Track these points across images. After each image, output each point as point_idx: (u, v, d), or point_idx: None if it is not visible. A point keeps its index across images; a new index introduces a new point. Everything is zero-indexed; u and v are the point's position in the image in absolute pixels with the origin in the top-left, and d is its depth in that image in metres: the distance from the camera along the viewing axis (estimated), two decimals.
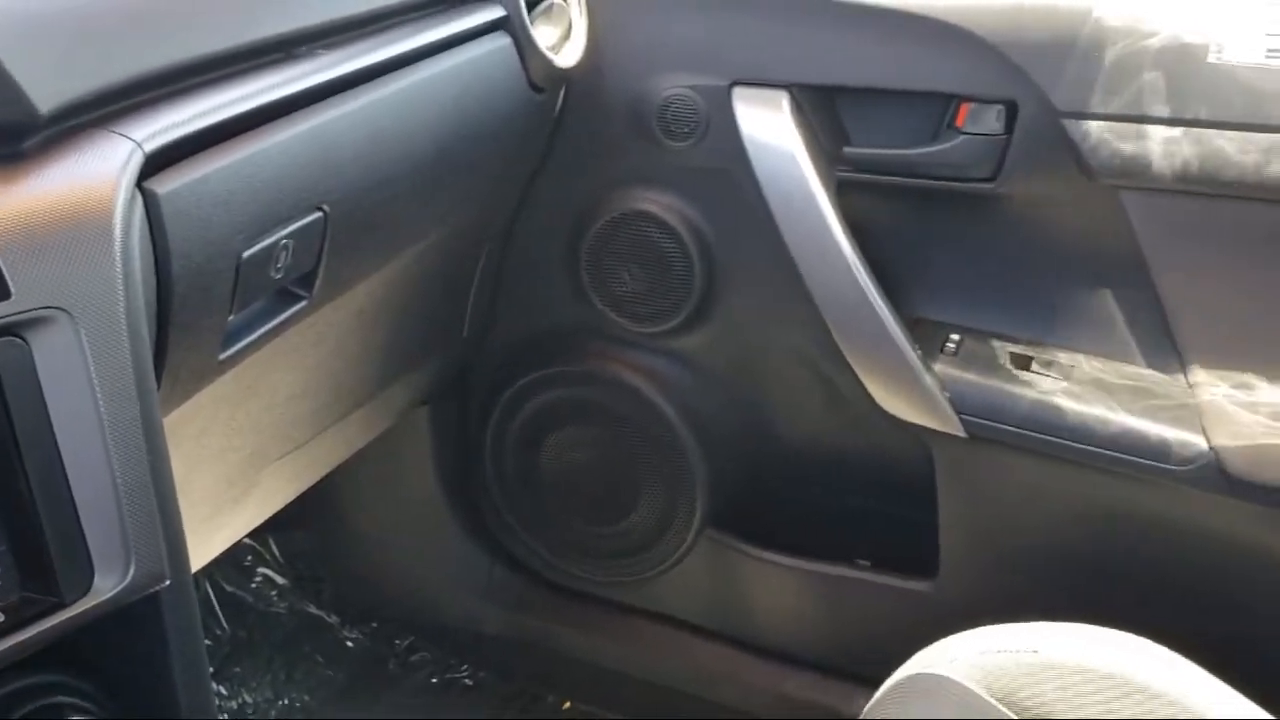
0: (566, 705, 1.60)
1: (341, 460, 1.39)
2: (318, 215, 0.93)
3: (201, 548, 1.17)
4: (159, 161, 0.78)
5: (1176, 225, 1.16)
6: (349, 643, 1.68)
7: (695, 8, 1.29)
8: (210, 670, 1.10)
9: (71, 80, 0.75)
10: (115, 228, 0.71)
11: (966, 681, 0.81)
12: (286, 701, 1.60)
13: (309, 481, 1.35)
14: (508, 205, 1.37)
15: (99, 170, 0.73)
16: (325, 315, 1.07)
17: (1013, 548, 1.31)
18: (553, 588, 1.58)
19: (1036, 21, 1.18)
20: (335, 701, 1.61)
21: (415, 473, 1.58)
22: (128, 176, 0.74)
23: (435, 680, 1.64)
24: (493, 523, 1.58)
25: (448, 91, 1.08)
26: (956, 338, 1.29)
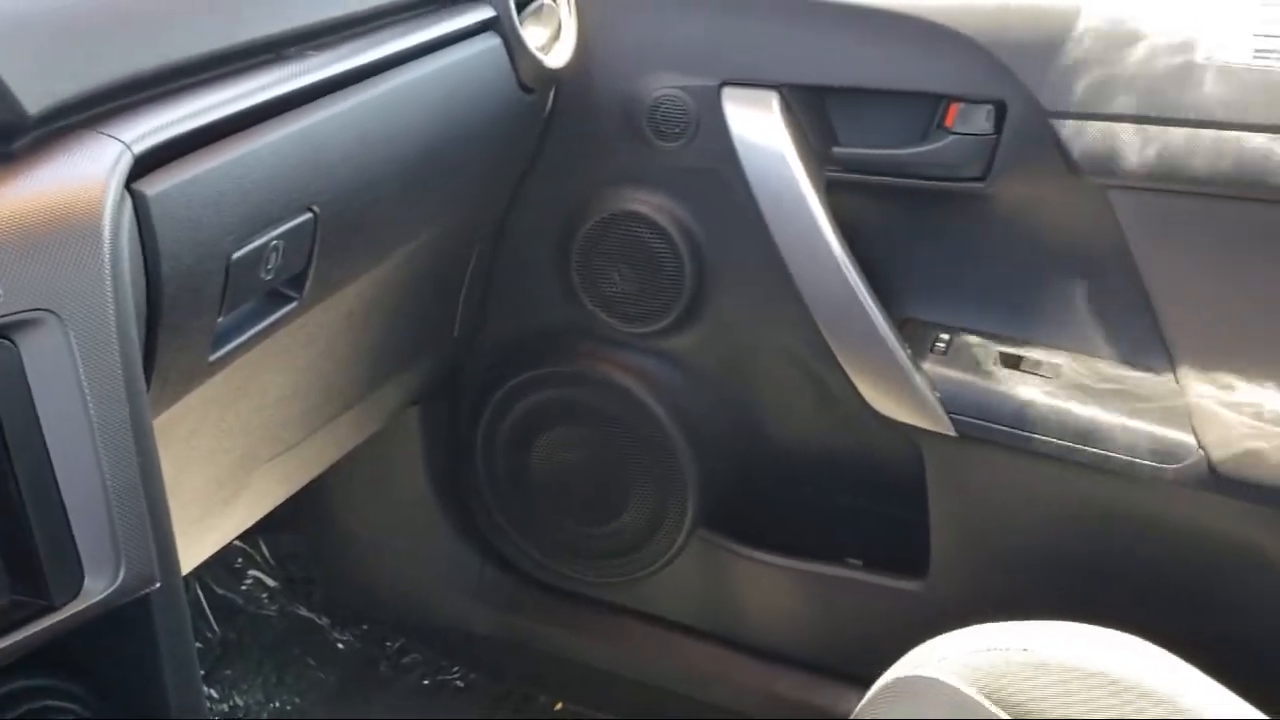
0: (558, 706, 1.60)
1: (332, 462, 1.38)
2: (308, 216, 0.93)
3: (192, 550, 1.17)
4: (148, 163, 0.77)
5: (1165, 224, 1.17)
6: (340, 644, 1.68)
7: (685, 8, 1.29)
8: (201, 673, 1.10)
9: (60, 81, 0.75)
10: (104, 229, 0.71)
11: (957, 681, 0.81)
12: (277, 704, 1.60)
13: (299, 483, 1.34)
14: (498, 206, 1.37)
15: (88, 172, 0.73)
16: (315, 316, 1.07)
17: (1003, 547, 1.31)
18: (544, 588, 1.58)
19: (1025, 22, 1.18)
20: (326, 703, 1.60)
21: (406, 474, 1.58)
22: (117, 178, 0.74)
23: (427, 682, 1.64)
24: (483, 523, 1.58)
25: (437, 92, 1.08)
26: (946, 337, 1.29)
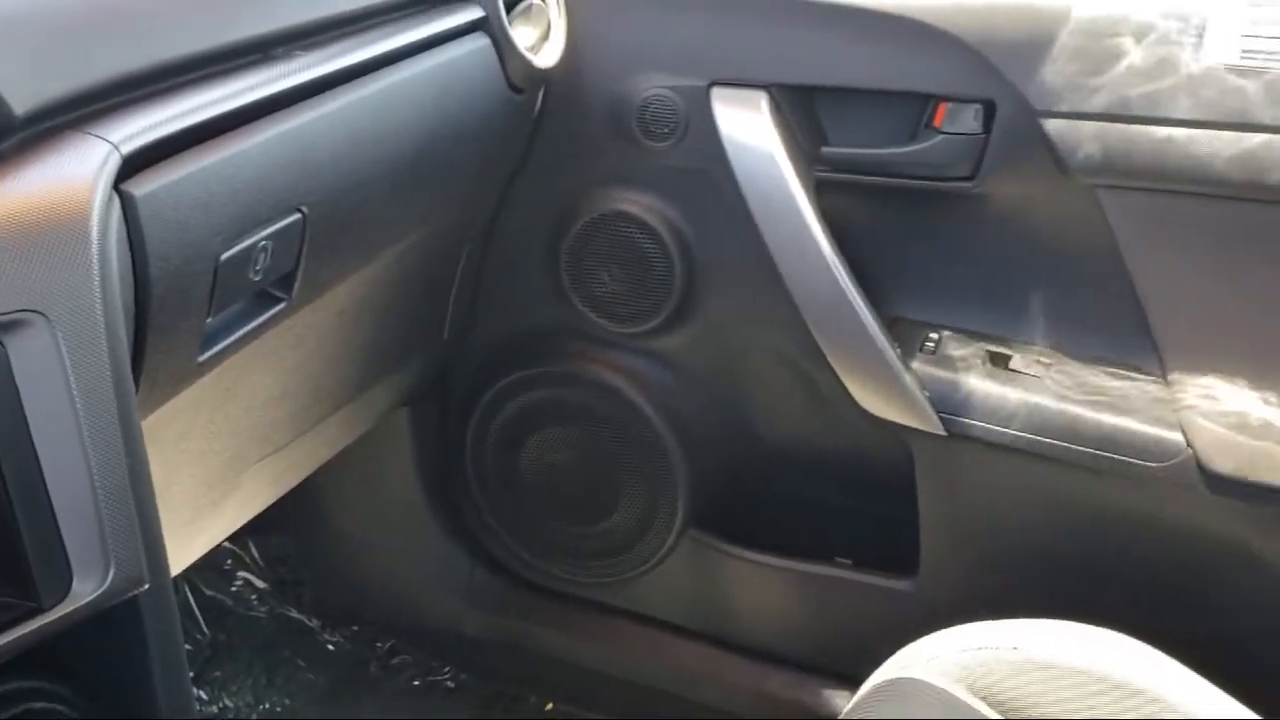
0: (549, 706, 1.60)
1: (322, 463, 1.38)
2: (296, 217, 0.93)
3: (181, 551, 1.17)
4: (136, 163, 0.77)
5: (1154, 224, 1.17)
6: (330, 646, 1.68)
7: (674, 8, 1.29)
8: (190, 674, 1.10)
9: (48, 81, 0.75)
10: (92, 230, 0.71)
11: (947, 680, 0.81)
12: (267, 705, 1.59)
13: (289, 484, 1.34)
14: (487, 206, 1.36)
15: (76, 172, 0.72)
16: (304, 317, 1.06)
17: (993, 545, 1.31)
18: (534, 589, 1.58)
19: (1014, 21, 1.18)
20: (317, 705, 1.60)
21: (396, 475, 1.57)
22: (104, 179, 0.73)
23: (417, 683, 1.63)
24: (474, 524, 1.57)
25: (426, 92, 1.08)
26: (935, 336, 1.29)
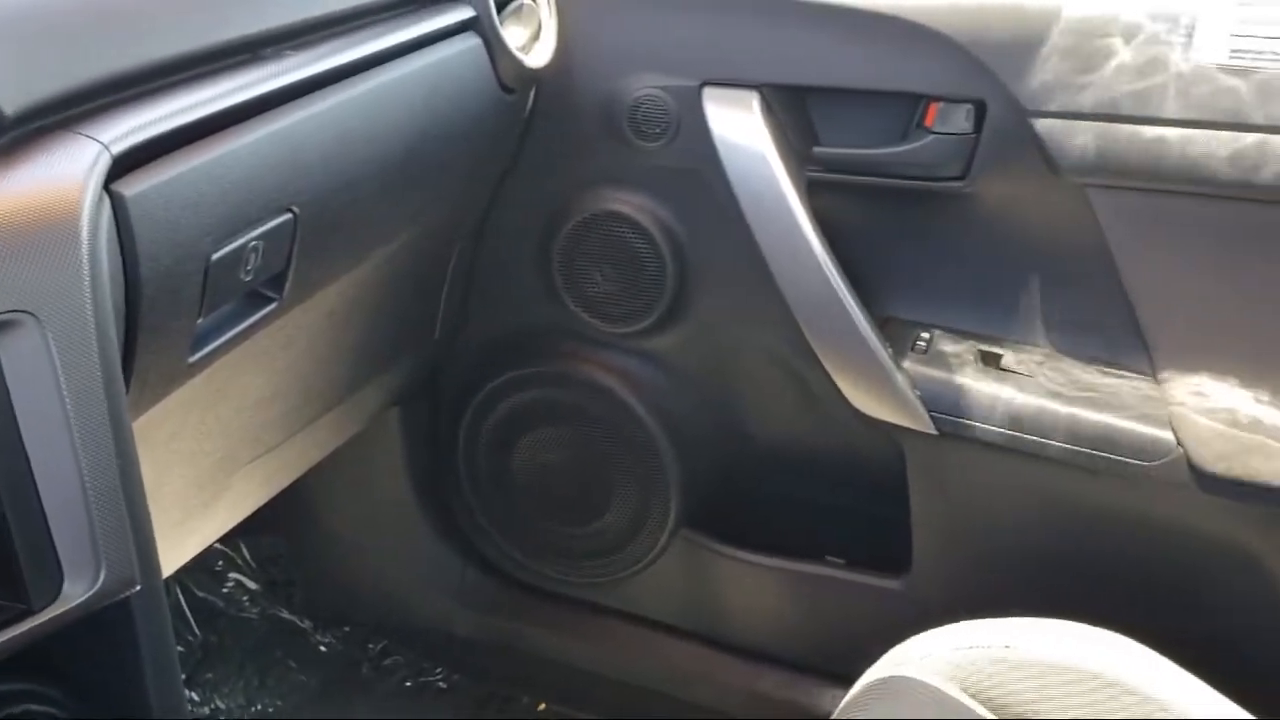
0: (541, 707, 1.60)
1: (313, 464, 1.38)
2: (287, 217, 0.92)
3: (172, 553, 1.17)
4: (126, 163, 0.77)
5: (1144, 223, 1.17)
6: (322, 647, 1.67)
7: (665, 8, 1.29)
8: (182, 676, 1.10)
9: (38, 81, 0.74)
10: (82, 231, 0.70)
11: (939, 679, 0.81)
12: (259, 707, 1.59)
13: (280, 485, 1.34)
14: (478, 206, 1.36)
15: (66, 173, 0.72)
16: (295, 317, 1.06)
17: (984, 544, 1.31)
18: (526, 589, 1.58)
19: (1004, 21, 1.18)
20: (309, 706, 1.60)
21: (387, 475, 1.57)
22: (95, 179, 0.73)
23: (409, 684, 1.63)
24: (465, 524, 1.57)
25: (417, 92, 1.08)
26: (927, 336, 1.29)
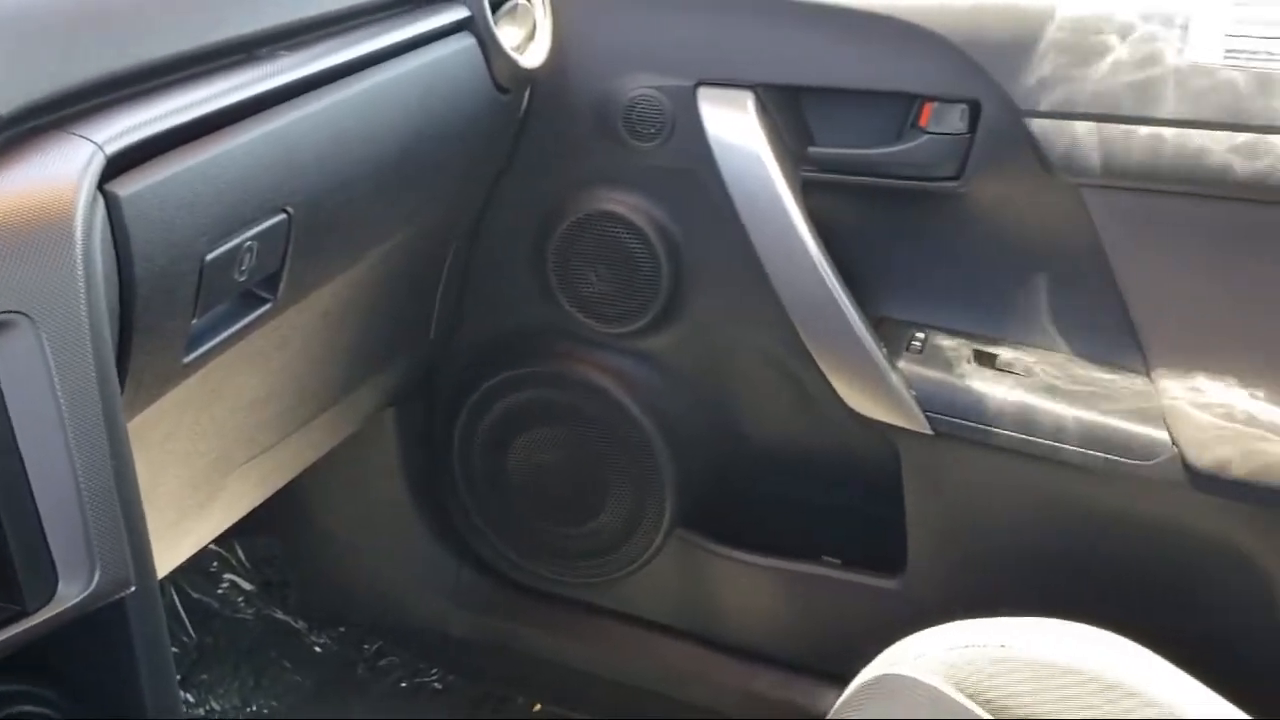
0: (537, 707, 1.60)
1: (308, 464, 1.38)
2: (282, 217, 0.92)
3: (167, 554, 1.16)
4: (121, 164, 0.77)
5: (1138, 223, 1.18)
6: (317, 648, 1.67)
7: (660, 8, 1.29)
8: (177, 677, 1.09)
9: (32, 81, 0.74)
10: (77, 231, 0.70)
11: (934, 678, 0.81)
12: (255, 708, 1.59)
13: (275, 486, 1.34)
14: (473, 206, 1.36)
15: (60, 173, 0.72)
16: (290, 318, 1.06)
17: (979, 544, 1.32)
18: (521, 589, 1.58)
19: (999, 21, 1.19)
20: (304, 707, 1.60)
21: (382, 476, 1.57)
22: (89, 179, 0.73)
23: (404, 684, 1.63)
24: (460, 524, 1.57)
25: (412, 92, 1.08)
26: (922, 336, 1.30)
